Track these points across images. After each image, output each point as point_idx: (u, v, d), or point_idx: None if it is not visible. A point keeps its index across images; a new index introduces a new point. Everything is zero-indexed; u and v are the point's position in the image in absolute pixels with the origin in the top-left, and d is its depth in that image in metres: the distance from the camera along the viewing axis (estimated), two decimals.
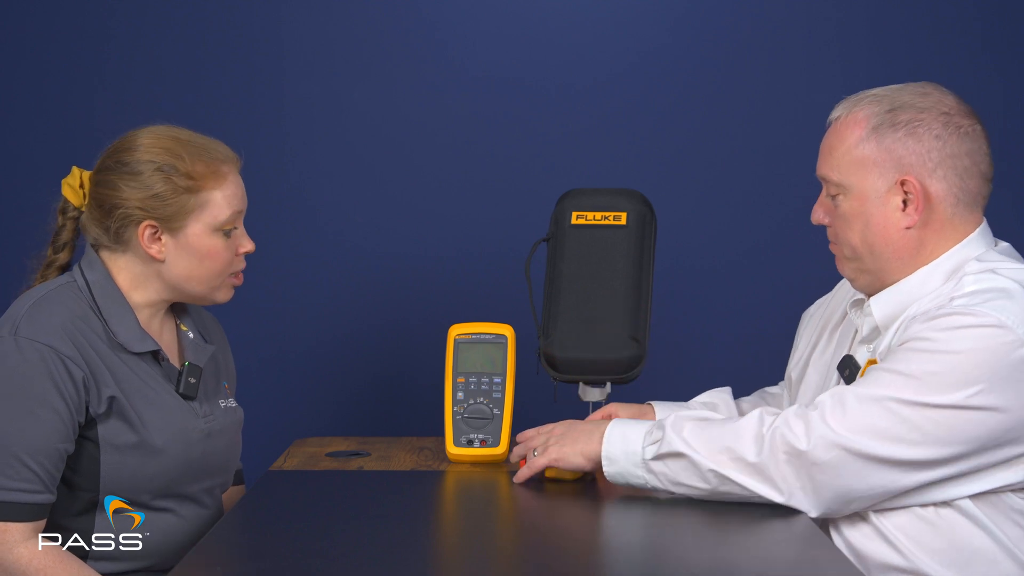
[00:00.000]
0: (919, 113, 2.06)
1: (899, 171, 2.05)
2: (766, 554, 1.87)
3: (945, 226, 2.07)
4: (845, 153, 2.08)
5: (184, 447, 2.17)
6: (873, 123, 2.06)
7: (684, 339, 3.19)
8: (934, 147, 2.05)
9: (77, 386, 2.08)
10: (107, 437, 2.11)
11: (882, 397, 1.92)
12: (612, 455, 2.05)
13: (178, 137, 2.19)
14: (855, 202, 2.08)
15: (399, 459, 2.43)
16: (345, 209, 3.22)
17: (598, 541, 1.96)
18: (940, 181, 2.05)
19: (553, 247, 2.53)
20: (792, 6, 3.21)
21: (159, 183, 2.15)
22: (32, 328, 2.08)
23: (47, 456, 2.05)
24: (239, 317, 3.15)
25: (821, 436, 1.92)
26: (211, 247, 2.19)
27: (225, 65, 3.20)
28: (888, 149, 2.05)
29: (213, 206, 2.18)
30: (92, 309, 2.15)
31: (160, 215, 2.15)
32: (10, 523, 2.03)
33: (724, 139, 3.22)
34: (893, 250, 2.07)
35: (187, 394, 2.21)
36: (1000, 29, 3.20)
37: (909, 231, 2.06)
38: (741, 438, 1.97)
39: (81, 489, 2.12)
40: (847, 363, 2.13)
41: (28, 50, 3.18)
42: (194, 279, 2.20)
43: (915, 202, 2.05)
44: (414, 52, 3.20)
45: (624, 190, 2.55)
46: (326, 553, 1.82)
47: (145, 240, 2.16)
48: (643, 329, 2.48)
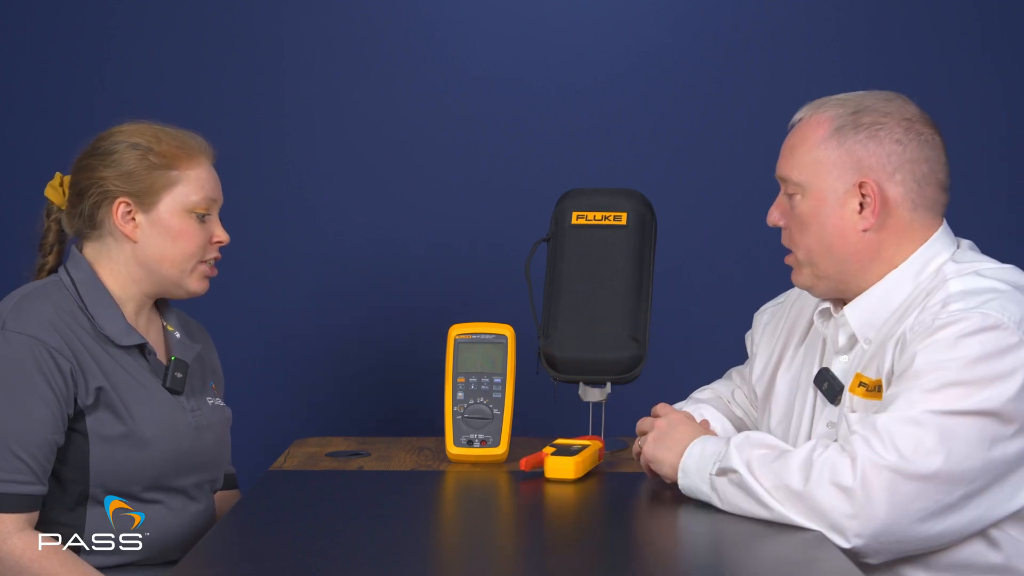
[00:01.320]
0: (882, 117, 2.06)
1: (858, 173, 2.05)
2: (767, 554, 1.87)
3: (904, 230, 2.06)
4: (806, 153, 2.08)
5: (174, 440, 2.18)
6: (836, 124, 2.06)
7: (684, 339, 3.19)
8: (894, 151, 2.04)
9: (65, 377, 2.09)
10: (96, 428, 2.12)
11: (917, 415, 1.89)
12: (687, 468, 2.03)
13: (154, 126, 2.25)
14: (812, 202, 2.07)
15: (399, 459, 2.43)
16: (345, 209, 3.22)
17: (598, 541, 1.96)
18: (898, 185, 2.05)
19: (553, 247, 2.53)
20: (792, 6, 3.21)
21: (133, 160, 2.20)
22: (19, 322, 2.10)
23: (38, 447, 2.06)
24: (239, 317, 3.16)
25: (869, 462, 1.88)
26: (183, 227, 2.22)
27: (225, 65, 3.20)
28: (849, 151, 2.05)
29: (185, 184, 2.22)
30: (78, 305, 2.17)
31: (133, 190, 2.19)
32: (4, 514, 2.04)
33: (724, 139, 3.22)
34: (851, 252, 2.06)
35: (174, 388, 2.22)
36: (1000, 29, 3.20)
37: (866, 233, 2.05)
38: (790, 465, 1.92)
39: (71, 482, 2.13)
40: (824, 376, 2.12)
41: (28, 50, 3.18)
42: (167, 260, 2.22)
43: (872, 205, 2.04)
44: (414, 52, 3.20)
45: (624, 190, 2.55)
46: (326, 553, 1.82)
47: (119, 218, 2.20)
48: (643, 329, 2.48)
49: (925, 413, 1.89)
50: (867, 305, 2.07)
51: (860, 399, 2.04)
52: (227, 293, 2.34)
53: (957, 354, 1.91)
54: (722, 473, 1.97)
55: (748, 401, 2.39)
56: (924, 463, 1.87)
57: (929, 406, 1.89)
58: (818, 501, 1.88)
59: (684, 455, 2.03)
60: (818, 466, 1.90)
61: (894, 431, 1.88)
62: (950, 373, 1.90)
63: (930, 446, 1.87)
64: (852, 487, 1.87)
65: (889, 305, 2.06)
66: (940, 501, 1.89)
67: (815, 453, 1.92)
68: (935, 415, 1.89)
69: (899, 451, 1.87)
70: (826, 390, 2.11)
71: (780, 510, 1.91)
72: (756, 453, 1.96)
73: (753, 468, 1.94)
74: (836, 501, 1.87)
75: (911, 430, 1.88)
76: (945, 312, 1.96)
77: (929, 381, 1.91)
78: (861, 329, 2.08)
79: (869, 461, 1.87)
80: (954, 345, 1.92)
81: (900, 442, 1.88)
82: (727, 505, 1.97)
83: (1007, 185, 3.12)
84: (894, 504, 1.87)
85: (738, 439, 1.99)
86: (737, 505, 1.96)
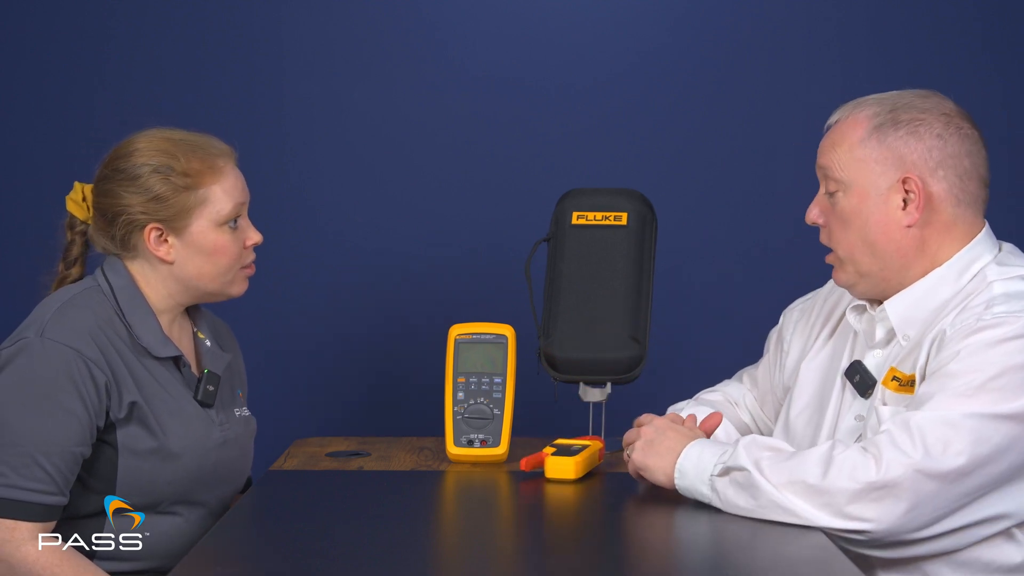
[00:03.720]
0: (920, 113, 2.06)
1: (901, 169, 2.04)
2: (767, 554, 1.87)
3: (948, 227, 2.06)
4: (847, 151, 2.07)
5: (200, 454, 2.17)
6: (875, 122, 2.06)
7: (684, 339, 3.19)
8: (935, 146, 2.04)
9: (99, 390, 2.08)
10: (126, 442, 2.11)
11: (952, 416, 1.89)
12: (684, 469, 2.02)
13: (171, 138, 2.20)
14: (855, 199, 2.07)
15: (399, 459, 2.43)
16: (345, 209, 3.22)
17: (598, 541, 1.96)
18: (941, 181, 2.05)
19: (553, 247, 2.53)
20: (792, 6, 3.21)
21: (158, 184, 2.16)
22: (59, 331, 2.09)
23: (62, 458, 2.05)
24: (239, 317, 3.15)
25: (894, 459, 1.88)
26: (217, 242, 2.19)
27: (225, 65, 3.20)
28: (890, 147, 2.05)
29: (214, 201, 2.18)
30: (116, 313, 2.16)
31: (163, 216, 2.16)
32: (20, 521, 2.04)
33: (724, 139, 3.22)
34: (894, 248, 2.06)
35: (205, 401, 2.21)
36: (1000, 29, 3.20)
37: (910, 229, 2.05)
38: (807, 462, 1.92)
39: (96, 492, 2.12)
40: (856, 369, 2.11)
41: (28, 50, 3.18)
42: (206, 276, 2.20)
43: (916, 200, 2.04)
44: (414, 52, 3.20)
45: (624, 190, 2.55)
46: (326, 553, 1.82)
47: (152, 243, 2.17)
48: (643, 329, 2.48)
49: (961, 415, 1.89)
50: (910, 301, 2.07)
51: (892, 393, 2.05)
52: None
53: (997, 358, 1.92)
54: (725, 472, 1.97)
55: (758, 404, 2.38)
56: (950, 463, 1.88)
57: (966, 408, 1.89)
58: (838, 493, 1.88)
59: (681, 457, 2.02)
60: (838, 462, 1.90)
61: (926, 429, 1.89)
62: (989, 376, 1.91)
63: (959, 447, 1.88)
64: (875, 481, 1.87)
65: (931, 303, 2.05)
66: (959, 501, 1.91)
67: (835, 451, 1.92)
68: (969, 417, 1.89)
69: (927, 449, 1.88)
70: (857, 383, 2.10)
71: (790, 505, 1.90)
72: (765, 453, 1.96)
73: (762, 466, 1.93)
74: (857, 493, 1.88)
75: (944, 430, 1.89)
76: (989, 314, 1.96)
77: (967, 382, 1.91)
78: (901, 325, 2.07)
79: (894, 458, 1.88)
80: (995, 348, 1.92)
81: (930, 440, 1.88)
82: (726, 505, 1.97)
83: (1007, 185, 3.11)
84: (916, 500, 1.88)
85: (746, 440, 1.99)
86: (737, 505, 1.95)
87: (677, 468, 2.02)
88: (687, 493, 2.02)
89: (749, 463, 1.94)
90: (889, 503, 1.88)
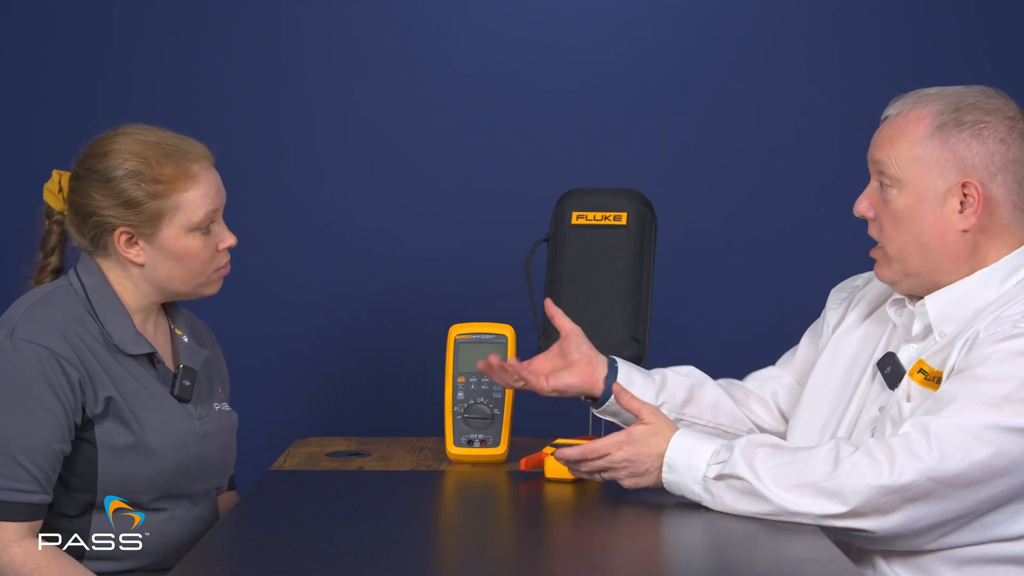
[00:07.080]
0: (985, 115, 2.01)
1: (961, 173, 2.00)
2: (767, 554, 1.87)
3: (1002, 232, 2.02)
4: (906, 148, 2.02)
5: (180, 449, 2.17)
6: (938, 121, 2.01)
7: (684, 339, 3.19)
8: (998, 151, 2.00)
9: (73, 387, 2.08)
10: (104, 439, 2.11)
11: (973, 424, 1.88)
12: (674, 464, 2.00)
13: (147, 140, 2.18)
14: (910, 199, 2.02)
15: (399, 459, 2.43)
16: (345, 209, 3.22)
17: (598, 541, 1.96)
18: (1000, 186, 2.01)
19: (553, 247, 2.53)
20: (792, 6, 3.21)
21: (130, 189, 2.15)
22: (29, 330, 2.09)
23: (43, 456, 2.05)
24: (239, 317, 3.16)
25: (907, 463, 1.87)
26: (188, 247, 2.18)
27: (225, 65, 3.20)
28: (952, 149, 2.00)
29: (186, 207, 2.17)
30: (88, 312, 2.15)
31: (133, 222, 2.16)
32: (5, 522, 2.04)
33: (724, 139, 3.22)
34: (947, 251, 2.02)
35: (182, 396, 2.21)
36: (1000, 29, 3.20)
37: (965, 234, 2.01)
38: (812, 463, 1.92)
39: (78, 491, 2.12)
40: (889, 360, 2.08)
41: (28, 50, 3.18)
42: (176, 279, 2.20)
43: (975, 205, 2.00)
44: (414, 53, 3.21)
45: (624, 190, 2.55)
46: (326, 553, 1.82)
47: (122, 246, 2.17)
48: (643, 329, 2.48)
49: (982, 425, 1.88)
50: (951, 299, 2.03)
51: (917, 386, 2.03)
52: (226, 293, 2.33)
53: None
54: (721, 478, 1.96)
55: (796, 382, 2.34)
56: (964, 471, 1.87)
57: (988, 418, 1.88)
58: (848, 494, 1.88)
59: (668, 451, 1.99)
60: (848, 464, 1.89)
61: (944, 436, 1.88)
62: (1014, 387, 1.89)
63: (977, 457, 1.87)
64: (887, 484, 1.87)
65: (972, 304, 2.02)
66: (971, 510, 1.90)
67: (842, 452, 1.91)
68: (990, 428, 1.88)
69: (943, 455, 1.87)
70: (888, 374, 2.07)
71: (798, 508, 1.90)
72: (761, 455, 1.95)
73: (762, 473, 1.92)
74: (868, 495, 1.87)
75: (964, 438, 1.87)
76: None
77: (992, 390, 1.89)
78: (939, 321, 2.04)
79: (908, 462, 1.87)
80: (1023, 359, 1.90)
81: (947, 448, 1.87)
82: (721, 507, 1.96)
83: None
84: (926, 505, 1.88)
85: (741, 443, 1.97)
86: (737, 508, 1.95)
87: (666, 462, 2.00)
88: (674, 489, 2.00)
89: (747, 472, 1.93)
90: (899, 506, 1.88)
